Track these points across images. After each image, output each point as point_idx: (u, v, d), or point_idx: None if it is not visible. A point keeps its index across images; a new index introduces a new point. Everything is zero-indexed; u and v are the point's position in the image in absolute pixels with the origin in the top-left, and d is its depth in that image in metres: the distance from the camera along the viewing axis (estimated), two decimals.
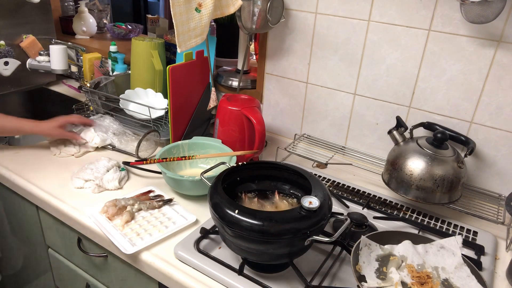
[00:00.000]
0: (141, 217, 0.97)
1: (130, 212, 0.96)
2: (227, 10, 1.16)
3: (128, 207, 0.98)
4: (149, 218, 0.97)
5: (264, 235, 0.71)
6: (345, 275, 0.84)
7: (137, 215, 0.98)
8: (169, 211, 1.00)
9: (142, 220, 0.97)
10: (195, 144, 1.20)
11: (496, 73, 1.02)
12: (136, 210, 0.98)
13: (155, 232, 0.92)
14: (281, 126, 1.44)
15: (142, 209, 0.99)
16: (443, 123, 1.12)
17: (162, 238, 0.91)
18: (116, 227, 0.93)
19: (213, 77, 1.44)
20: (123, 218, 0.94)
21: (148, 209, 1.00)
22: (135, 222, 0.95)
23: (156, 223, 0.96)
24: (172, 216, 0.99)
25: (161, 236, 0.91)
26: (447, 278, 0.79)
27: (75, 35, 2.04)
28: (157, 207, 1.01)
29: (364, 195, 1.13)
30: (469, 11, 0.93)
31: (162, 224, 0.95)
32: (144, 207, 0.99)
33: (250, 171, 0.93)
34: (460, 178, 1.01)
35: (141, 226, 0.94)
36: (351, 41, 1.19)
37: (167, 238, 0.92)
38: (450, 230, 1.01)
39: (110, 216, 0.96)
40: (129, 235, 0.91)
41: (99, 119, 1.35)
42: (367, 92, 1.22)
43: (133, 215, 0.97)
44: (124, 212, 0.96)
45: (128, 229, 0.93)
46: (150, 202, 1.01)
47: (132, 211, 0.97)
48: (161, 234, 0.92)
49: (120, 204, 0.97)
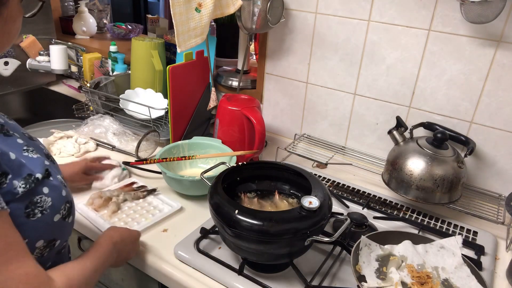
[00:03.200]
0: (127, 207, 1.01)
1: (116, 203, 0.99)
2: (227, 10, 1.16)
3: (113, 198, 1.01)
4: (135, 208, 1.01)
5: (264, 235, 0.71)
6: (345, 275, 0.84)
7: (123, 205, 1.01)
8: (154, 200, 1.04)
9: (128, 210, 1.00)
10: (195, 144, 1.20)
11: (496, 73, 1.02)
12: (121, 201, 1.01)
13: (142, 220, 0.96)
14: (281, 126, 1.44)
15: (127, 199, 1.02)
16: (443, 123, 1.12)
17: (150, 225, 0.94)
18: (103, 218, 0.96)
19: (213, 77, 1.44)
20: (110, 209, 0.98)
21: (133, 199, 1.03)
22: (121, 212, 0.98)
23: (142, 212, 0.99)
24: (157, 204, 1.02)
25: (148, 223, 0.94)
26: (447, 278, 0.79)
27: (75, 35, 2.04)
28: (142, 197, 1.04)
29: (364, 195, 1.13)
30: (469, 11, 0.93)
31: (148, 212, 0.99)
32: (129, 198, 1.03)
33: (250, 171, 0.93)
34: (460, 178, 1.01)
35: (128, 215, 0.98)
36: (351, 41, 1.19)
37: (154, 226, 0.95)
38: (450, 230, 1.01)
39: (96, 208, 0.98)
40: (117, 224, 0.94)
41: (99, 119, 1.35)
42: (367, 92, 1.22)
43: (119, 206, 1.00)
44: (110, 203, 0.99)
45: (116, 218, 0.96)
46: (134, 193, 1.04)
47: (118, 201, 1.00)
48: (148, 222, 0.95)
49: (105, 196, 1.00)
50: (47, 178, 0.64)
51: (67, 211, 0.68)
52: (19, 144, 0.65)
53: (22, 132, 0.71)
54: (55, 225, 0.65)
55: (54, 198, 0.64)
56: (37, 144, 0.71)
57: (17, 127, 0.71)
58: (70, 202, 0.69)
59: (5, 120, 0.68)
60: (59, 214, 0.65)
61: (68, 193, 0.69)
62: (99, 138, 1.31)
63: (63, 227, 0.67)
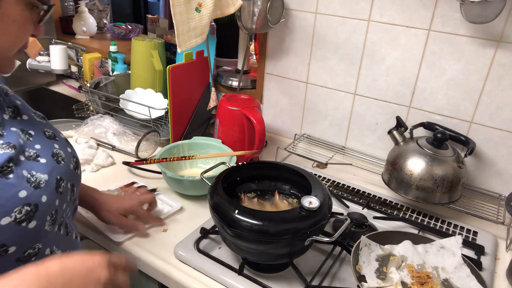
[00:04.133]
0: None
1: None
2: (227, 10, 1.16)
3: None
4: None
5: (264, 235, 0.71)
6: (345, 275, 0.84)
7: None
8: None
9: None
10: (195, 144, 1.20)
11: (496, 73, 1.02)
12: None
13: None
14: (281, 126, 1.44)
15: None
16: (443, 123, 1.12)
17: (150, 225, 0.94)
18: None
19: (213, 77, 1.44)
20: None
21: None
22: None
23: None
24: (157, 204, 1.02)
25: (148, 224, 0.94)
26: (447, 278, 0.79)
27: (75, 35, 2.04)
28: None
29: (364, 195, 1.13)
30: (469, 11, 0.93)
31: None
32: None
33: (250, 171, 0.93)
34: (460, 178, 1.01)
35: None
36: (351, 41, 1.19)
37: (154, 226, 0.95)
38: (450, 230, 1.01)
39: None
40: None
41: (99, 119, 1.35)
42: (367, 92, 1.22)
43: None
44: None
45: None
46: None
47: None
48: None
49: None
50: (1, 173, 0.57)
51: (25, 215, 0.58)
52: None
53: (31, 113, 0.69)
54: (2, 228, 0.56)
55: (2, 198, 0.56)
56: (38, 128, 0.68)
57: (23, 107, 0.70)
58: (34, 205, 0.59)
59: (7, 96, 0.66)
60: (9, 217, 0.56)
61: (35, 196, 0.60)
62: (99, 138, 1.31)
63: (17, 232, 0.58)
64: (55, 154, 0.67)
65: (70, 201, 0.71)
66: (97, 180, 1.13)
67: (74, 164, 0.72)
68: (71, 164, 0.70)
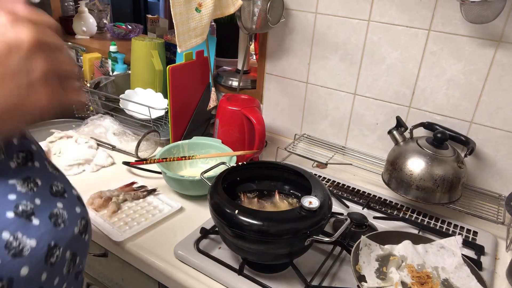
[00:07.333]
0: (127, 207, 1.01)
1: (116, 203, 0.99)
2: (227, 10, 1.17)
3: (113, 198, 1.00)
4: (134, 208, 1.01)
5: (264, 235, 0.71)
6: (345, 275, 0.84)
7: (122, 205, 1.01)
8: (154, 200, 1.04)
9: (128, 210, 1.00)
10: (195, 144, 1.20)
11: (496, 73, 1.02)
12: (121, 201, 1.01)
13: (142, 220, 0.96)
14: (281, 126, 1.44)
15: (127, 199, 1.02)
16: (443, 123, 1.12)
17: (150, 225, 0.94)
18: (103, 217, 0.96)
19: (213, 77, 1.44)
20: (110, 209, 0.97)
21: (133, 199, 1.03)
22: (121, 212, 0.98)
23: (142, 212, 0.99)
24: (157, 204, 1.02)
25: (148, 223, 0.94)
26: (447, 278, 0.79)
27: (75, 35, 2.04)
28: (142, 197, 1.04)
29: (364, 195, 1.13)
30: (469, 11, 0.93)
31: (148, 212, 0.99)
32: (129, 198, 1.02)
33: (250, 171, 0.93)
34: (460, 178, 1.01)
35: (128, 215, 0.98)
36: (351, 41, 1.19)
37: (154, 226, 0.95)
38: (450, 230, 1.01)
39: (96, 208, 0.98)
40: (117, 224, 0.94)
41: (99, 119, 1.35)
42: (367, 92, 1.22)
43: (119, 206, 1.00)
44: (110, 203, 0.99)
45: (116, 218, 0.96)
46: (134, 193, 1.04)
47: (118, 202, 1.00)
48: (148, 222, 0.95)
49: (105, 196, 1.00)
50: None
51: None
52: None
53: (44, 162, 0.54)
54: None
55: None
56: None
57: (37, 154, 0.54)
58: (7, 281, 0.42)
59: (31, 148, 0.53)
60: None
61: (11, 267, 0.42)
62: (99, 138, 1.30)
63: None
64: (54, 214, 0.51)
65: (68, 275, 0.52)
66: (97, 180, 1.13)
67: (81, 227, 0.55)
68: (75, 228, 0.54)
